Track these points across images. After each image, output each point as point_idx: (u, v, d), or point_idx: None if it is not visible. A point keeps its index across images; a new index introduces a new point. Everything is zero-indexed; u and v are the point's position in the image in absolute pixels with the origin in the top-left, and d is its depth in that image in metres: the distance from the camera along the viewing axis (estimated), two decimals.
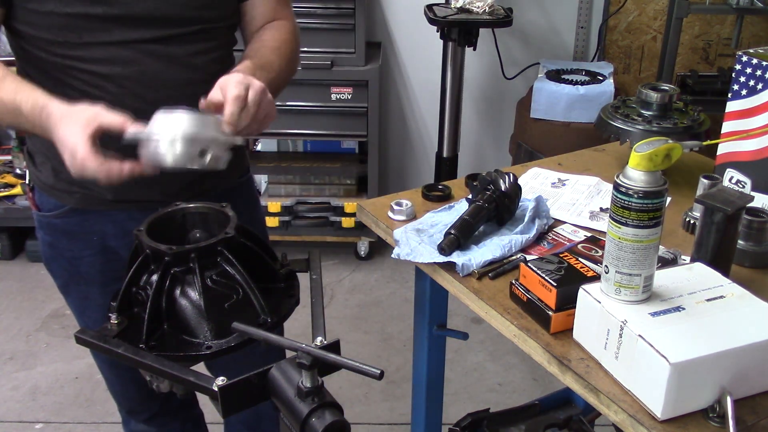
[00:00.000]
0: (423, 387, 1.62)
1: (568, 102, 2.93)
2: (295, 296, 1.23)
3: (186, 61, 1.33)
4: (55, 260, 1.47)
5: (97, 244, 1.42)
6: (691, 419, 0.98)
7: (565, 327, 1.14)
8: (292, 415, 0.94)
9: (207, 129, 1.14)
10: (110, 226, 1.41)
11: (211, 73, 1.36)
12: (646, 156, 0.99)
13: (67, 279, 1.49)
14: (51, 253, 1.47)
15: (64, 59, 1.27)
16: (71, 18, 1.24)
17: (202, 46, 1.34)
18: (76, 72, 1.28)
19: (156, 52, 1.29)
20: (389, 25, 3.39)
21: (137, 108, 1.28)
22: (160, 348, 1.11)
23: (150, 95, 1.30)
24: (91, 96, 1.28)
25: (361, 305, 3.11)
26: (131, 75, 1.29)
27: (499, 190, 1.38)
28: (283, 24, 1.47)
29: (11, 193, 3.28)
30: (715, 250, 1.20)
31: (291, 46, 1.45)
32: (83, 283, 1.47)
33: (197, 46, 1.33)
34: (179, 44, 1.31)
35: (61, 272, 1.49)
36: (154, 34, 1.28)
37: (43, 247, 1.48)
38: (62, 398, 2.60)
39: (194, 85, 1.33)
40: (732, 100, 1.43)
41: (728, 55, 3.34)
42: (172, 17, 1.29)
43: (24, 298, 3.13)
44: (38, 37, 1.27)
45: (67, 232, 1.42)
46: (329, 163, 3.33)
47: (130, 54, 1.28)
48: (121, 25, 1.26)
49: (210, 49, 1.36)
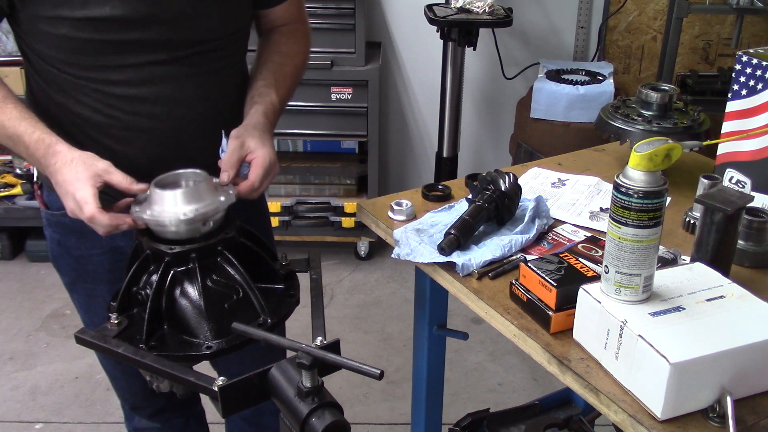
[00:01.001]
0: (423, 387, 1.62)
1: (568, 102, 2.93)
2: (295, 296, 1.23)
3: (201, 80, 1.32)
4: (62, 258, 1.48)
5: (105, 243, 1.43)
6: (691, 419, 0.98)
7: (565, 327, 1.14)
8: (292, 415, 0.94)
9: (208, 201, 1.15)
10: None
11: (224, 88, 1.39)
12: (646, 156, 0.99)
13: (74, 277, 1.49)
14: (59, 251, 1.47)
15: (77, 78, 1.27)
16: (86, 42, 1.22)
17: (216, 64, 1.34)
18: (89, 90, 1.28)
19: (171, 73, 1.28)
20: (389, 25, 3.39)
21: (150, 127, 1.30)
22: (160, 348, 1.11)
23: (164, 113, 1.30)
24: (103, 114, 1.29)
25: (361, 305, 3.11)
26: (146, 96, 1.28)
27: (499, 190, 1.38)
28: (300, 32, 1.48)
29: (11, 193, 3.28)
30: (715, 250, 1.20)
31: (304, 58, 1.48)
32: (90, 281, 1.47)
33: (212, 65, 1.33)
34: (194, 64, 1.30)
35: (68, 270, 1.49)
36: (169, 56, 1.27)
37: (51, 245, 1.48)
38: (62, 398, 2.60)
39: (208, 101, 1.35)
40: (732, 100, 1.43)
41: (728, 55, 3.34)
42: (187, 39, 1.28)
43: (24, 298, 3.13)
44: (50, 55, 1.26)
45: (75, 231, 1.42)
46: (329, 163, 3.33)
47: (145, 75, 1.27)
48: (137, 49, 1.25)
49: (224, 66, 1.37)
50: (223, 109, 1.38)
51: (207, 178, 1.19)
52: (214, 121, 1.35)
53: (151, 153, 1.32)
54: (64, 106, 1.30)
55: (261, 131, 1.29)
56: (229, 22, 1.34)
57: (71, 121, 1.31)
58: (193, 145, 1.34)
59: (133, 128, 1.30)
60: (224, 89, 1.38)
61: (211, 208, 1.14)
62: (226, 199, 1.16)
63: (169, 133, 1.32)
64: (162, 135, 1.32)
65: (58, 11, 1.19)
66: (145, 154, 1.32)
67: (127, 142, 1.31)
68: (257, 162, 1.25)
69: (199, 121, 1.34)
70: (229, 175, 1.23)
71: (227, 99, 1.39)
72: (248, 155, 1.26)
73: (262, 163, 1.25)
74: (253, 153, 1.26)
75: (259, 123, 1.31)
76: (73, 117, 1.30)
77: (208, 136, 1.33)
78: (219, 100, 1.37)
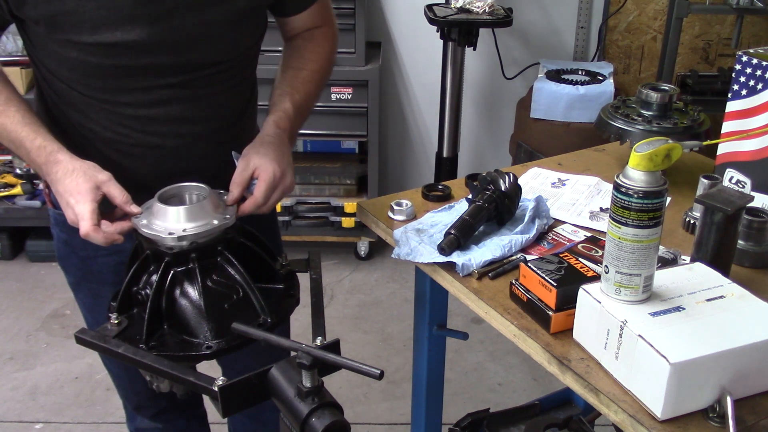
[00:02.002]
0: (423, 387, 1.62)
1: (568, 102, 2.93)
2: (295, 296, 1.23)
3: (211, 100, 1.32)
4: (68, 258, 1.48)
5: (111, 245, 1.43)
6: (691, 419, 0.98)
7: (565, 327, 1.14)
8: (292, 415, 0.94)
9: (202, 222, 1.15)
10: None
11: (233, 103, 1.39)
12: (646, 156, 0.99)
13: (79, 277, 1.50)
14: (65, 251, 1.47)
15: (87, 97, 1.26)
16: (96, 67, 1.22)
17: (226, 84, 1.34)
18: (98, 109, 1.28)
19: (181, 95, 1.28)
20: (389, 25, 3.39)
21: (159, 144, 1.31)
22: (160, 348, 1.11)
23: (173, 131, 1.31)
24: (113, 131, 1.29)
25: (361, 305, 3.11)
26: (156, 116, 1.28)
27: (499, 190, 1.38)
28: (326, 35, 1.46)
29: (11, 193, 3.28)
30: (715, 250, 1.20)
31: (331, 63, 1.47)
32: (95, 281, 1.47)
33: (223, 84, 1.33)
34: (205, 85, 1.30)
35: (74, 270, 1.49)
36: (180, 79, 1.27)
37: (58, 244, 1.48)
38: (62, 398, 2.59)
39: (218, 120, 1.35)
40: (732, 100, 1.43)
41: (728, 55, 3.34)
42: (199, 62, 1.27)
43: (24, 298, 3.13)
44: (59, 72, 1.26)
45: None
46: (329, 163, 3.33)
47: (156, 98, 1.27)
48: (148, 73, 1.24)
49: (234, 84, 1.37)
50: (232, 124, 1.39)
51: (210, 194, 1.19)
52: (222, 137, 1.36)
53: (159, 168, 1.32)
54: (74, 120, 1.30)
55: (269, 145, 1.28)
56: (241, 42, 1.33)
57: (81, 134, 1.31)
58: (200, 159, 1.35)
59: (142, 145, 1.31)
60: (233, 104, 1.39)
61: (204, 230, 1.14)
62: (220, 223, 1.16)
63: (178, 148, 1.33)
64: (170, 151, 1.32)
65: (68, 35, 1.18)
66: (153, 168, 1.33)
67: (135, 158, 1.32)
68: (261, 177, 1.25)
69: (207, 137, 1.35)
70: (233, 195, 1.23)
71: (236, 112, 1.40)
72: (254, 172, 1.25)
73: (266, 178, 1.24)
74: (258, 169, 1.25)
75: (269, 136, 1.30)
76: (84, 130, 1.31)
77: (215, 149, 1.34)
78: (227, 117, 1.38)
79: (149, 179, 1.28)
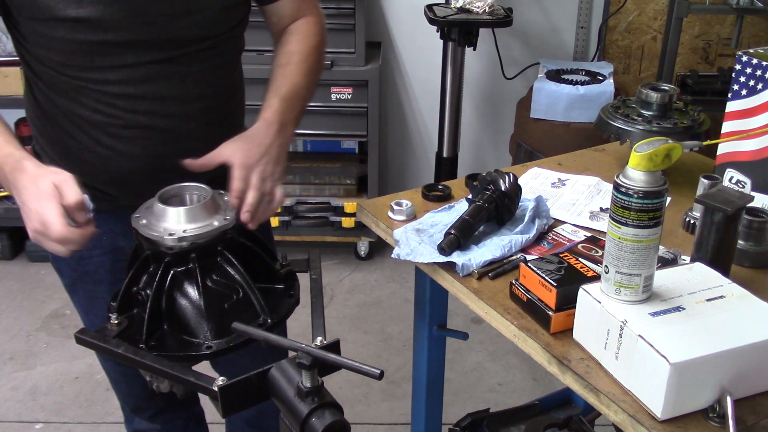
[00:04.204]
0: (423, 387, 1.62)
1: (568, 102, 2.93)
2: (295, 296, 1.23)
3: (197, 77, 1.33)
4: (62, 259, 1.47)
5: (106, 244, 1.43)
6: (691, 419, 0.98)
7: (565, 327, 1.14)
8: (292, 415, 0.94)
9: (202, 224, 1.14)
10: (120, 225, 1.41)
11: (220, 85, 1.39)
12: (646, 156, 0.99)
13: (74, 278, 1.49)
14: None
15: (76, 80, 1.27)
16: (82, 44, 1.23)
17: (213, 61, 1.35)
18: (88, 91, 1.28)
19: (168, 71, 1.29)
20: (389, 25, 3.39)
21: (148, 124, 1.31)
22: (160, 348, 1.11)
23: (161, 110, 1.31)
24: (103, 113, 1.30)
25: (361, 305, 3.11)
26: (144, 94, 1.29)
27: (499, 190, 1.38)
28: (310, 24, 1.46)
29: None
30: (715, 250, 1.20)
31: (318, 52, 1.46)
32: (91, 282, 1.47)
33: (209, 62, 1.34)
34: (191, 62, 1.31)
35: (68, 271, 1.49)
36: (166, 55, 1.28)
37: None
38: (62, 398, 2.60)
39: (206, 99, 1.36)
40: (732, 100, 1.43)
41: (728, 55, 3.34)
42: (184, 38, 1.28)
43: (24, 298, 3.13)
44: (48, 58, 1.27)
45: None
46: (329, 163, 3.33)
47: (143, 74, 1.28)
48: (133, 49, 1.25)
49: (221, 63, 1.37)
50: (220, 104, 1.40)
51: (211, 195, 1.18)
52: (210, 117, 1.37)
53: (151, 150, 1.33)
54: (64, 108, 1.31)
55: (244, 136, 1.27)
56: (224, 20, 1.34)
57: (72, 121, 1.32)
58: (191, 141, 1.35)
59: (132, 126, 1.31)
60: (220, 86, 1.40)
61: (203, 231, 1.14)
62: (220, 224, 1.16)
63: (167, 129, 1.33)
64: (160, 132, 1.33)
65: (53, 12, 1.19)
66: (145, 151, 1.33)
67: (127, 140, 1.32)
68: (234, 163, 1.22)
69: (196, 117, 1.35)
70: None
71: (224, 95, 1.41)
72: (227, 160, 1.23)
73: (238, 163, 1.22)
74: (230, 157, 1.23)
75: (250, 130, 1.29)
76: (74, 117, 1.31)
77: (205, 131, 1.35)
78: (215, 97, 1.38)
79: (141, 163, 1.30)
